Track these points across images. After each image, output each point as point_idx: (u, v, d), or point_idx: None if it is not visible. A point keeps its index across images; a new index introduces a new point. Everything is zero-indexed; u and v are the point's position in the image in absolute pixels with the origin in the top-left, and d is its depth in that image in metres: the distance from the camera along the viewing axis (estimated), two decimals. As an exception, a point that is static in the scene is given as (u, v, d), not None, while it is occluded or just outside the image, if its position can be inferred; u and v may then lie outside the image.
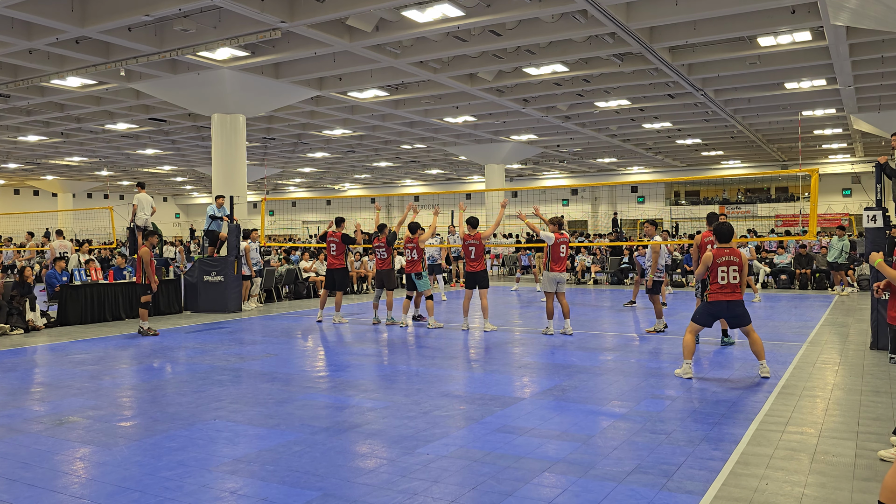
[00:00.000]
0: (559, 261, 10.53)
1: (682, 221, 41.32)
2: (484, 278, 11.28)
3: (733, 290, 7.12)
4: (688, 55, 16.70)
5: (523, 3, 12.83)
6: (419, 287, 11.89)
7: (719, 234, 7.30)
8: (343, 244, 12.63)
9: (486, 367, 8.40)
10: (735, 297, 7.10)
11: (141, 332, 11.35)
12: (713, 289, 7.17)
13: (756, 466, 4.75)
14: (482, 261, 11.28)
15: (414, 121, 25.22)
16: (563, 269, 10.57)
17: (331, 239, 12.71)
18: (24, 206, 46.50)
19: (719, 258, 7.16)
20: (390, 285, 12.28)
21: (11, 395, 7.14)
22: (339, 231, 12.78)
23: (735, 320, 7.29)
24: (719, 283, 7.05)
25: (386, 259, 12.17)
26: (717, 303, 7.12)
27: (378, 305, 12.65)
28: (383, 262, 12.19)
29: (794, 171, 28.47)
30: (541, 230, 10.93)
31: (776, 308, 14.60)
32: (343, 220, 13.03)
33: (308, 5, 13.02)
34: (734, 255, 7.14)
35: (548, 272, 10.57)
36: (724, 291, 7.09)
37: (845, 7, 10.99)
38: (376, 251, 12.29)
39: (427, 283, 11.92)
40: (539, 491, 4.31)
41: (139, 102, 21.61)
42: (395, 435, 5.53)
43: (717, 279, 7.06)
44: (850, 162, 38.23)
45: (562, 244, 10.55)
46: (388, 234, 12.23)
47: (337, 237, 12.66)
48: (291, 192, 56.35)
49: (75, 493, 4.38)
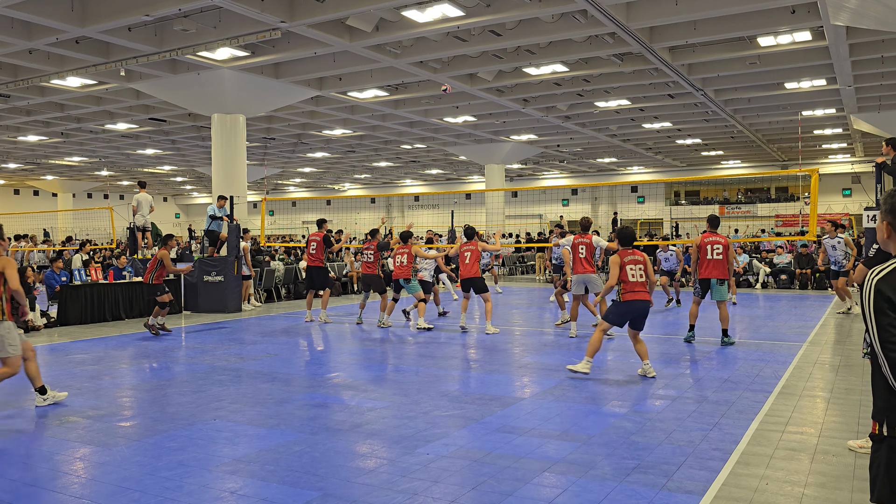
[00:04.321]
0: (579, 262, 10.62)
1: (682, 221, 41.33)
2: (480, 283, 11.34)
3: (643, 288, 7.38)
4: (688, 55, 16.70)
5: (523, 3, 12.83)
6: (408, 291, 11.94)
7: (622, 238, 7.57)
8: (323, 244, 12.79)
9: (486, 368, 8.40)
10: (646, 297, 7.38)
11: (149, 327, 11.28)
12: (626, 288, 7.39)
13: (756, 466, 4.75)
14: (476, 266, 11.33)
15: (414, 121, 25.22)
16: (586, 270, 10.57)
17: (312, 238, 12.94)
18: (24, 206, 46.47)
19: (625, 258, 7.40)
20: (377, 289, 12.40)
21: (11, 395, 7.14)
22: (321, 232, 12.98)
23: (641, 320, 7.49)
24: (630, 282, 7.28)
25: (372, 263, 12.31)
26: (631, 302, 7.33)
27: (365, 306, 12.79)
28: (369, 266, 12.33)
29: (794, 171, 28.48)
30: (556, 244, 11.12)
31: (776, 308, 14.60)
32: (325, 221, 13.26)
33: (308, 5, 13.02)
34: (637, 255, 7.42)
35: (574, 275, 10.70)
36: (636, 291, 7.30)
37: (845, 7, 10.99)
38: (363, 253, 12.43)
39: (417, 287, 11.93)
40: (539, 491, 4.31)
41: (139, 102, 21.60)
42: (395, 435, 5.53)
43: (629, 278, 7.29)
44: (850, 162, 38.23)
45: (580, 245, 10.61)
46: (379, 241, 12.44)
47: (319, 237, 12.84)
48: (291, 192, 56.34)
49: (75, 493, 4.38)
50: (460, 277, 11.49)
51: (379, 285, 12.39)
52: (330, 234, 16.08)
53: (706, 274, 9.54)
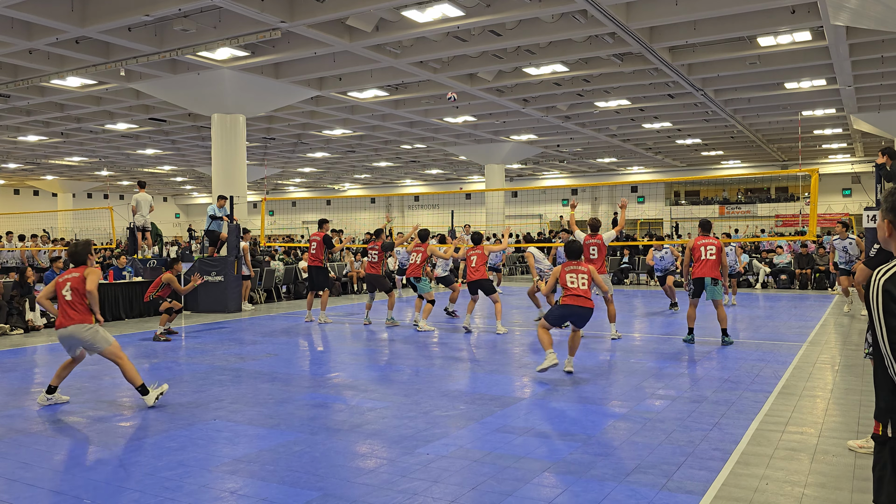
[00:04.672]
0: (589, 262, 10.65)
1: (682, 221, 41.32)
2: (488, 285, 11.41)
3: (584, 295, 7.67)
4: (688, 55, 16.70)
5: (523, 3, 12.83)
6: (420, 290, 11.96)
7: (567, 251, 7.97)
8: (323, 244, 12.79)
9: (487, 368, 8.41)
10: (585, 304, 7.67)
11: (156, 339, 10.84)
12: (566, 293, 7.74)
13: (756, 466, 4.75)
14: (483, 269, 11.44)
15: (414, 121, 25.22)
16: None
17: (313, 238, 12.95)
18: (24, 206, 46.46)
19: (566, 269, 7.82)
20: (383, 288, 12.42)
21: (11, 395, 7.14)
22: (322, 232, 12.97)
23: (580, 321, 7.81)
24: (570, 288, 7.67)
25: (376, 264, 12.33)
26: (568, 306, 7.70)
27: (371, 306, 12.77)
28: (373, 266, 12.34)
29: (794, 171, 28.48)
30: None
31: (776, 308, 14.60)
32: (326, 221, 13.28)
33: (308, 5, 13.02)
34: (581, 267, 7.81)
35: None
36: (575, 296, 7.65)
37: (845, 7, 10.99)
38: (368, 253, 12.44)
39: (427, 287, 11.96)
40: (539, 491, 4.31)
41: (139, 102, 21.60)
42: (395, 435, 5.53)
43: (568, 284, 7.70)
44: (850, 162, 38.23)
45: (591, 246, 10.65)
46: (383, 241, 12.49)
47: (319, 237, 12.84)
48: (291, 192, 56.33)
49: (75, 493, 4.38)
50: (467, 280, 11.57)
51: (384, 285, 12.42)
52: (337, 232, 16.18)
53: (700, 273, 9.78)
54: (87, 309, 6.44)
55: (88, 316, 6.44)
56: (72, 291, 6.41)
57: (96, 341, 6.43)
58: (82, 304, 6.42)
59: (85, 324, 6.41)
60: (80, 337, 6.41)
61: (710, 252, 9.70)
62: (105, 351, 6.45)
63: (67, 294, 6.41)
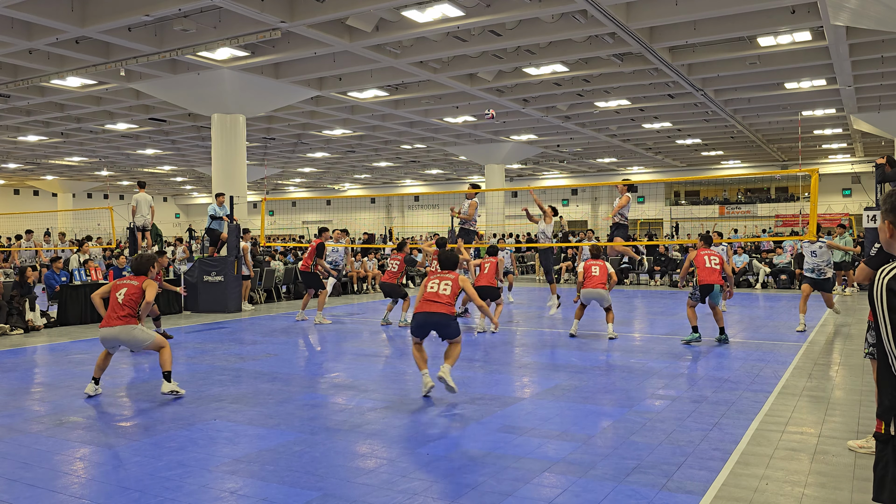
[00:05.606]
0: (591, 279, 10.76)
1: (682, 221, 41.33)
2: (495, 292, 11.47)
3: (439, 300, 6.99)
4: (688, 55, 16.70)
5: (523, 3, 12.82)
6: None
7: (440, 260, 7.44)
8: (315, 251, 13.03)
9: (486, 368, 8.40)
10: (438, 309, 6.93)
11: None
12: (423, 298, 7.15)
13: (756, 466, 4.75)
14: (493, 276, 11.56)
15: (414, 121, 25.22)
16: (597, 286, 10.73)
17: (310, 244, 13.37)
18: (24, 206, 46.47)
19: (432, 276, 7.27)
20: (399, 296, 12.58)
21: (11, 395, 7.14)
22: (319, 240, 13.35)
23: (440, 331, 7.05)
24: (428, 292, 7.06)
25: (395, 273, 12.47)
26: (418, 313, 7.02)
27: (392, 308, 12.88)
28: (392, 275, 12.44)
29: (794, 171, 28.47)
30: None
31: (776, 308, 14.60)
32: (326, 230, 13.79)
33: (308, 5, 13.02)
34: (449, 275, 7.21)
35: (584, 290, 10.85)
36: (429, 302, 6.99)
37: (845, 7, 11.00)
38: (389, 263, 12.58)
39: None
40: (539, 491, 4.31)
41: (139, 102, 21.60)
42: (395, 435, 5.53)
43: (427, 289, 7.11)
44: (850, 162, 38.23)
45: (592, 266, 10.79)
46: (406, 255, 12.76)
47: (315, 244, 13.18)
48: (291, 192, 56.33)
49: (75, 493, 4.38)
50: (475, 284, 11.59)
51: (400, 293, 12.56)
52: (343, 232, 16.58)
53: (706, 280, 10.00)
54: (134, 314, 6.91)
55: (133, 320, 6.89)
56: (125, 297, 6.88)
57: (141, 339, 6.89)
58: (132, 310, 6.88)
59: (129, 325, 6.84)
60: (124, 338, 6.84)
61: (714, 262, 10.05)
62: (150, 345, 6.93)
63: (120, 297, 6.88)
